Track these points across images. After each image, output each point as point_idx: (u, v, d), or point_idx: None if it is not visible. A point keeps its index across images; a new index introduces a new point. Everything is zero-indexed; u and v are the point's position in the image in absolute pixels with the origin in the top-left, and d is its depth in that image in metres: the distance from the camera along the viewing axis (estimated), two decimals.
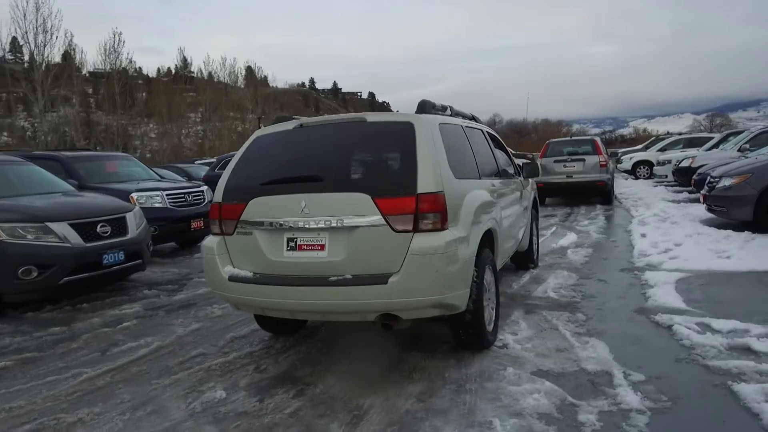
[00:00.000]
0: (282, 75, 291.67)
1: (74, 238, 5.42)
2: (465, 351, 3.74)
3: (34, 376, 3.71)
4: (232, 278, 3.45)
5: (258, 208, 3.43)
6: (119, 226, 5.98)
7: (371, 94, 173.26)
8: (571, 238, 8.31)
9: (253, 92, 64.01)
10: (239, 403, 3.16)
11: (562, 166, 12.74)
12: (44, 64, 29.36)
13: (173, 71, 78.12)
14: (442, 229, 3.13)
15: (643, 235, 7.94)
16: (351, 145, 3.51)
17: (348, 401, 3.10)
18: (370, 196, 3.12)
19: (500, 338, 3.97)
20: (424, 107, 3.75)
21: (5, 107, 58.34)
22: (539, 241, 6.70)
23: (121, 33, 40.76)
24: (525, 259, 6.16)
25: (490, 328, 3.84)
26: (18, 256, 5.10)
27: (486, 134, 4.86)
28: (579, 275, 5.92)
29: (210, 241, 3.63)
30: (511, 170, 5.64)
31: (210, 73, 62.69)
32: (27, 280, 5.12)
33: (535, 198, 6.47)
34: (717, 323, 4.01)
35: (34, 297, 5.40)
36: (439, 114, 3.96)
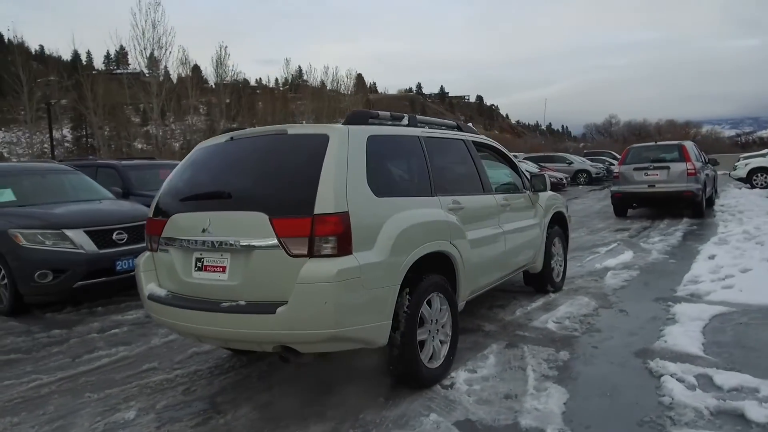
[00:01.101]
0: (390, 81, 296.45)
1: (88, 245, 5.71)
2: (404, 387, 3.37)
3: None
4: (150, 296, 3.38)
5: (175, 224, 3.34)
6: (138, 233, 6.22)
7: (479, 98, 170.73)
8: (624, 257, 7.41)
9: (362, 99, 65.99)
10: (138, 428, 3.07)
11: (643, 175, 11.47)
12: (160, 77, 32.02)
13: (288, 80, 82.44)
14: (344, 254, 2.82)
15: (711, 257, 6.87)
16: (265, 159, 3.29)
17: None
18: (267, 216, 2.89)
19: (452, 375, 3.54)
20: (357, 117, 3.43)
21: (143, 117, 65.38)
22: (565, 261, 5.99)
23: (226, 47, 43.69)
24: (541, 282, 5.54)
25: (434, 364, 3.44)
26: (35, 260, 5.46)
27: (470, 145, 4.39)
28: (600, 303, 5.21)
29: (140, 257, 3.60)
30: (513, 185, 5.10)
31: (322, 82, 65.48)
32: (43, 283, 5.47)
33: (559, 214, 5.81)
34: (722, 377, 3.29)
35: (50, 299, 5.76)
36: (384, 124, 3.63)
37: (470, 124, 5.26)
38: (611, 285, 5.90)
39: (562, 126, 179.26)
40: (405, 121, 3.86)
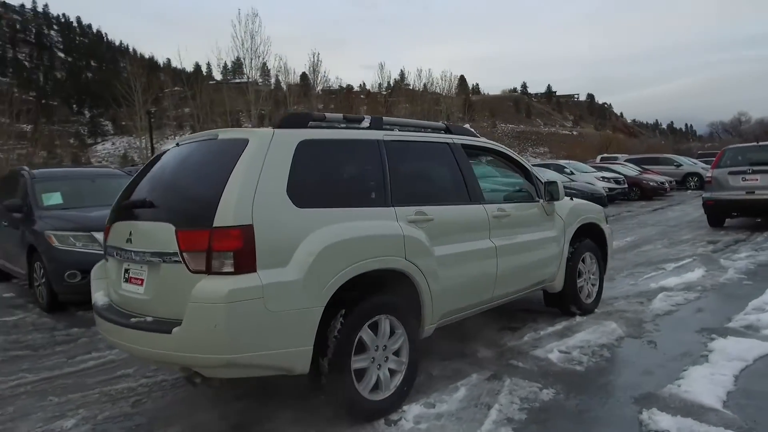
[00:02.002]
0: (494, 82, 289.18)
1: None
2: (343, 420, 3.05)
3: None
4: (93, 305, 3.36)
5: (114, 232, 3.29)
6: None
7: (590, 96, 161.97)
8: (691, 276, 6.42)
9: (462, 101, 65.37)
10: None
11: (740, 180, 9.99)
12: (269, 84, 33.76)
13: (388, 84, 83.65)
14: (245, 271, 2.57)
15: None
16: (190, 166, 3.13)
17: None
18: (174, 227, 2.73)
19: (404, 409, 3.16)
20: (293, 120, 3.15)
21: (258, 122, 69.76)
22: (601, 280, 5.26)
23: (318, 53, 45.23)
24: (562, 303, 4.91)
25: (378, 396, 3.08)
26: (65, 261, 5.78)
27: (456, 149, 3.92)
28: (629, 332, 4.49)
29: (96, 265, 3.60)
30: (522, 193, 4.55)
31: (424, 85, 65.58)
32: (72, 283, 5.77)
33: (591, 226, 5.12)
34: None
35: (82, 298, 6.07)
36: (336, 127, 3.33)
37: (468, 126, 4.77)
38: (655, 310, 5.10)
39: (686, 125, 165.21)
40: (365, 123, 3.53)
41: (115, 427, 3.17)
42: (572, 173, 18.17)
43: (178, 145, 3.39)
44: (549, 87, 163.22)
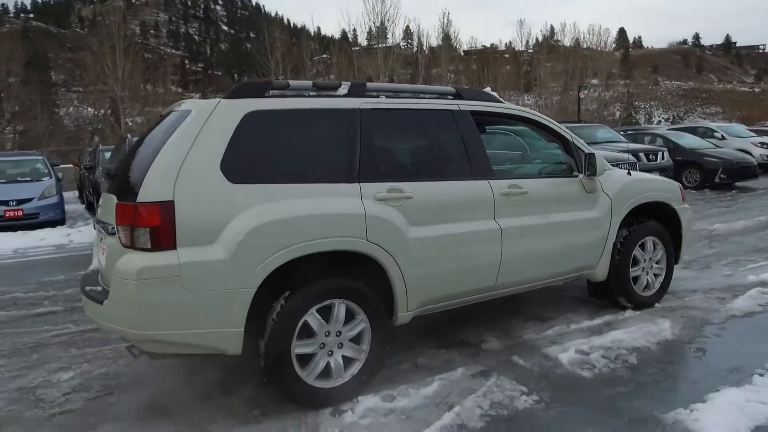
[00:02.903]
0: (659, 34, 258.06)
1: None
2: (289, 405, 2.93)
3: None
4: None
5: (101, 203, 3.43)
6: None
7: None
8: None
9: (623, 56, 60.17)
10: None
11: None
12: (384, 48, 33.86)
13: (536, 41, 78.89)
14: (162, 248, 2.53)
15: None
16: (149, 138, 3.09)
17: None
18: (116, 199, 2.76)
19: (358, 400, 2.95)
20: (247, 89, 2.97)
21: None
22: (669, 270, 4.43)
23: (449, 13, 44.06)
24: (606, 294, 4.23)
25: (329, 383, 2.92)
26: None
27: (462, 118, 3.44)
28: (681, 334, 3.75)
29: None
30: (557, 166, 3.96)
31: (577, 40, 60.86)
32: None
33: (658, 206, 4.32)
34: None
35: None
36: (304, 95, 3.09)
37: (488, 88, 4.16)
38: (734, 309, 4.19)
39: None
40: (343, 90, 3.24)
41: (98, 384, 3.38)
42: (723, 138, 15.74)
43: (161, 116, 3.42)
44: (727, 37, 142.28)
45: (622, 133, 15.08)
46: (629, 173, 4.22)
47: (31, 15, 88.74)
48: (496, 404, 2.89)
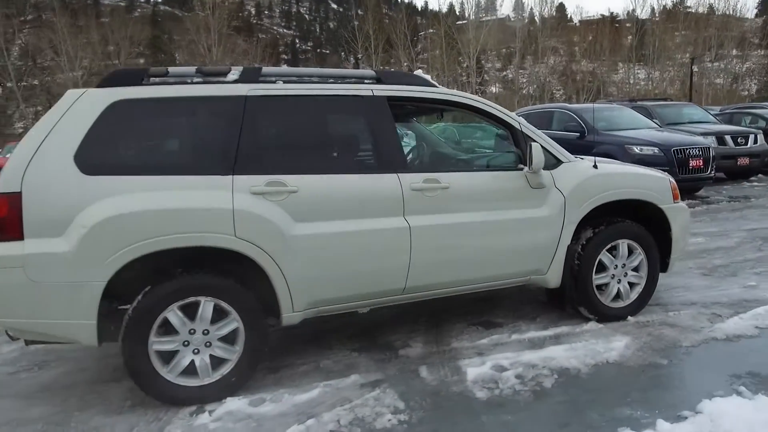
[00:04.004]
0: None
1: None
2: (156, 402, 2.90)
3: None
4: None
5: None
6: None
7: None
8: None
9: (765, 23, 54.12)
10: None
11: None
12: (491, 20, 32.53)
13: (664, 7, 71.85)
14: (11, 239, 2.58)
15: None
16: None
17: None
18: None
19: (226, 401, 2.86)
20: (120, 78, 2.89)
21: (505, 60, 68.20)
22: (650, 279, 3.80)
23: None
24: (563, 303, 3.75)
25: (194, 382, 2.86)
26: None
27: (375, 105, 3.12)
28: (634, 356, 3.22)
29: None
30: (499, 159, 3.55)
31: (710, 6, 54.75)
32: None
33: (631, 202, 3.73)
34: None
35: None
36: (188, 82, 2.98)
37: (420, 71, 3.72)
38: (720, 331, 3.52)
39: None
40: (233, 76, 3.08)
41: (37, 358, 3.58)
42: None
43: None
44: None
45: (717, 112, 13.37)
46: (595, 166, 3.65)
47: (160, 0, 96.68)
48: (356, 421, 2.67)
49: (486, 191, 3.38)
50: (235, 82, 3.05)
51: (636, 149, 8.63)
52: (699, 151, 8.72)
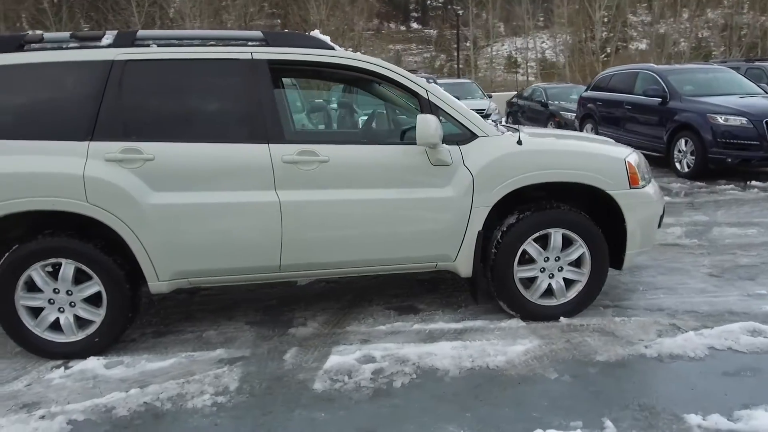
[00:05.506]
0: None
1: None
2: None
3: None
4: None
5: None
6: None
7: None
8: None
9: None
10: None
11: None
12: None
13: None
14: None
15: None
16: None
17: None
18: None
19: (88, 359, 2.97)
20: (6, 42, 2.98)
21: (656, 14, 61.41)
22: (594, 278, 3.21)
23: None
24: (478, 294, 3.31)
25: (60, 339, 3.00)
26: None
27: (255, 70, 2.92)
28: (515, 366, 2.78)
29: None
30: (398, 131, 3.18)
31: None
32: None
33: (568, 185, 3.15)
34: None
35: None
36: (64, 48, 2.98)
37: (317, 32, 3.31)
38: (659, 347, 2.89)
39: None
40: (107, 40, 3.03)
41: None
42: None
43: None
44: None
45: None
46: (519, 142, 3.12)
47: None
48: (176, 396, 2.62)
49: (375, 166, 3.06)
50: (109, 46, 3.02)
51: (720, 119, 7.29)
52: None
